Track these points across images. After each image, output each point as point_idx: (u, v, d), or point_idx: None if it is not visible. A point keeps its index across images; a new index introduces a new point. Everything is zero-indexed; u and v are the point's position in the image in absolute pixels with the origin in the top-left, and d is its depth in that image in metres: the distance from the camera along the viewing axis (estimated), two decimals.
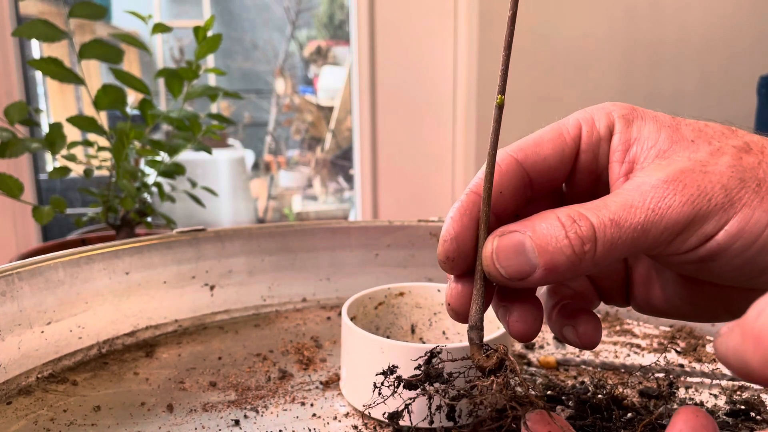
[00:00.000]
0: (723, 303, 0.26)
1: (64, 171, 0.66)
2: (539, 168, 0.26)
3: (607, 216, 0.23)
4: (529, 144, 0.27)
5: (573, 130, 0.27)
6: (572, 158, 0.27)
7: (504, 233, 0.24)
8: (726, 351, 0.18)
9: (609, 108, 0.27)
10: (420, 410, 0.29)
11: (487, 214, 0.25)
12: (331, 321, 0.50)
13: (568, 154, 0.27)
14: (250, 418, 0.35)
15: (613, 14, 1.28)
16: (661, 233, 0.22)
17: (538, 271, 0.23)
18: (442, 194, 1.33)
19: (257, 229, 0.53)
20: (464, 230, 0.25)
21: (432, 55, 1.26)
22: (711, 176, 0.23)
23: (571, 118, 0.27)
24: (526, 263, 0.23)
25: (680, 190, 0.22)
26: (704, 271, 0.24)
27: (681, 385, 0.39)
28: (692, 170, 0.23)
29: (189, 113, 0.69)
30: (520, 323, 0.26)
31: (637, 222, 0.22)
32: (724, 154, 0.23)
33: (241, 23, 3.22)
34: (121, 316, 0.45)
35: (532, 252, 0.23)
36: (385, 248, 0.55)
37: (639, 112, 0.26)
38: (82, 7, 0.64)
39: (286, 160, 3.09)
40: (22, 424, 0.34)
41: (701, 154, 0.23)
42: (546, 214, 0.24)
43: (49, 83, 1.95)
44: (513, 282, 0.24)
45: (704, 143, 0.24)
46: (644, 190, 0.23)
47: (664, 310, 0.28)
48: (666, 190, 0.23)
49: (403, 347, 0.33)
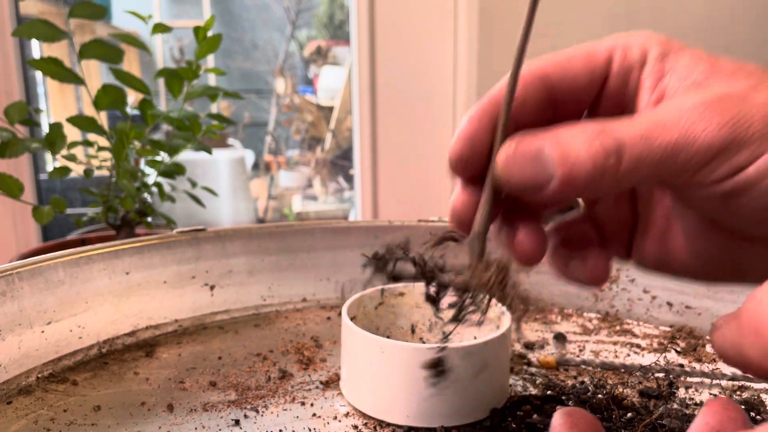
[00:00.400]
0: (733, 259, 0.25)
1: (64, 171, 0.66)
2: (566, 86, 0.25)
3: (637, 131, 0.21)
4: (558, 59, 0.25)
5: (604, 53, 0.25)
6: (601, 81, 0.25)
7: (522, 139, 0.22)
8: (723, 343, 0.17)
9: (644, 36, 0.25)
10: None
11: (507, 116, 0.23)
12: (331, 321, 0.50)
13: (597, 75, 0.25)
14: (250, 418, 0.35)
15: (614, 14, 1.28)
16: (692, 157, 0.21)
17: (554, 181, 0.21)
18: (442, 194, 1.32)
19: (257, 229, 0.53)
20: (481, 131, 0.24)
21: (432, 55, 1.26)
22: (752, 105, 0.21)
23: (603, 42, 0.25)
24: (543, 172, 0.22)
25: (718, 113, 0.21)
26: (725, 211, 0.22)
27: (681, 384, 0.39)
28: (732, 96, 0.21)
29: (189, 113, 0.69)
30: (525, 243, 0.25)
31: (668, 141, 0.21)
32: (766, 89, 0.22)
33: (241, 23, 3.22)
34: (121, 316, 0.45)
35: (550, 160, 0.21)
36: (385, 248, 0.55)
37: (675, 44, 0.24)
38: (82, 7, 0.64)
39: (286, 160, 3.09)
40: (22, 424, 0.34)
41: (741, 85, 0.22)
42: (570, 125, 0.22)
43: (49, 83, 1.95)
44: (526, 191, 0.22)
45: (744, 77, 0.23)
46: (680, 109, 0.21)
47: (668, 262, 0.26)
48: (703, 111, 0.21)
49: (403, 347, 0.33)
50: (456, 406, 0.34)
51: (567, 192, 0.21)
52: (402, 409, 0.34)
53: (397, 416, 0.34)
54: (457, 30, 1.24)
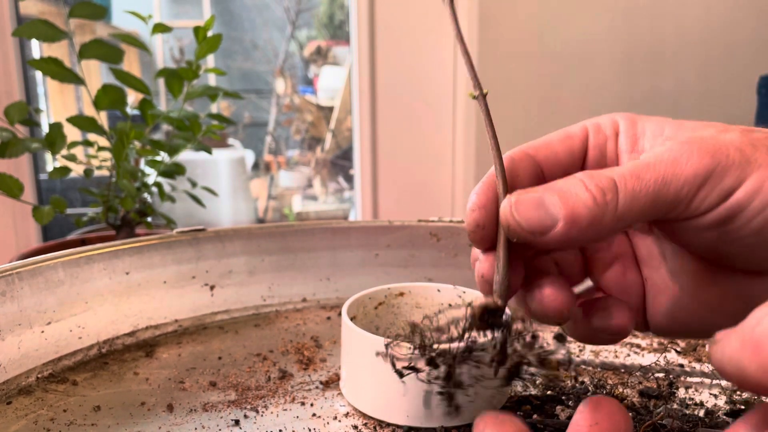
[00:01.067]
0: (744, 299, 0.26)
1: (64, 171, 0.66)
2: (550, 162, 0.27)
3: (627, 170, 0.23)
4: (539, 142, 0.27)
5: (580, 133, 0.28)
6: (581, 156, 0.27)
7: (522, 191, 0.24)
8: (722, 358, 0.18)
9: (611, 115, 0.28)
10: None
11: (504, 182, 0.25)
12: (331, 321, 0.50)
13: (577, 151, 0.27)
14: (250, 418, 0.35)
15: (614, 14, 1.28)
16: (681, 186, 0.22)
17: (559, 224, 0.23)
18: (442, 194, 1.32)
19: (257, 229, 0.53)
20: (490, 200, 0.26)
21: (432, 55, 1.26)
22: (723, 141, 0.23)
23: (576, 125, 0.28)
24: (547, 216, 0.23)
25: (697, 147, 0.23)
26: (725, 243, 0.24)
27: (681, 385, 0.39)
28: (704, 137, 0.23)
29: (189, 113, 0.69)
30: (553, 298, 0.26)
31: (657, 175, 0.23)
32: (732, 131, 0.24)
33: (241, 23, 3.22)
34: (121, 316, 0.45)
35: (552, 205, 0.23)
36: (385, 248, 0.55)
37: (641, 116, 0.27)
38: (82, 7, 0.64)
39: (286, 160, 3.09)
40: (22, 424, 0.34)
41: (709, 131, 0.24)
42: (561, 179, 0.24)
43: (49, 83, 1.95)
44: (534, 237, 0.23)
45: (709, 127, 0.25)
46: (661, 151, 0.23)
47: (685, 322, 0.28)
48: (682, 148, 0.23)
49: None
50: (456, 406, 0.34)
51: (572, 233, 0.23)
52: (402, 409, 0.34)
53: (397, 416, 0.34)
54: None
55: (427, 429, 0.34)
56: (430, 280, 0.53)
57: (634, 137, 0.26)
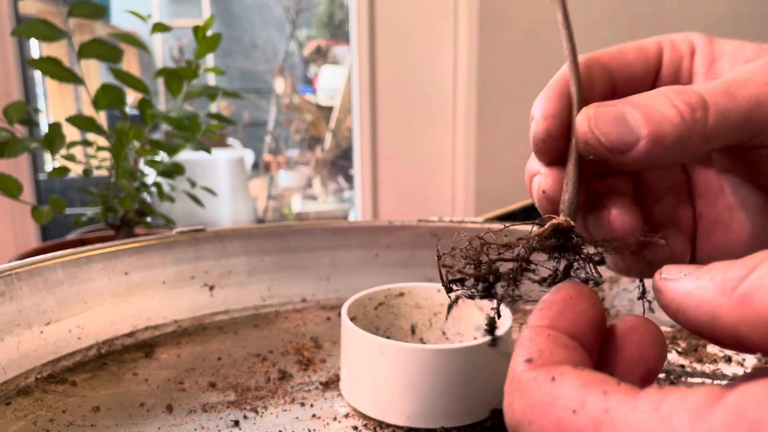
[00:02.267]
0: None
1: (63, 171, 0.66)
2: (624, 74, 0.25)
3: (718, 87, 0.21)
4: (614, 50, 0.25)
5: (654, 47, 0.25)
6: (655, 71, 0.25)
7: (600, 104, 0.22)
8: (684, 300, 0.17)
9: (685, 33, 0.25)
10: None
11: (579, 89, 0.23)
12: (330, 321, 0.50)
13: (651, 65, 0.25)
14: (250, 419, 0.35)
15: (614, 14, 1.28)
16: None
17: (642, 141, 0.21)
18: (442, 194, 1.32)
19: (257, 229, 0.53)
20: (562, 107, 0.23)
21: (432, 55, 1.25)
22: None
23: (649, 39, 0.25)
24: (629, 132, 0.21)
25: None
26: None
27: (682, 385, 0.39)
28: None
29: (188, 113, 0.69)
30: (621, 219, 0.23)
31: (750, 93, 0.21)
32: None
33: (240, 22, 3.22)
34: (120, 316, 0.45)
35: (634, 120, 0.21)
36: (385, 248, 0.55)
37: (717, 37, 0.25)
38: (81, 6, 0.64)
39: (285, 159, 3.09)
40: (21, 425, 0.34)
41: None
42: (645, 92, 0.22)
43: (49, 83, 1.95)
44: (613, 154, 0.21)
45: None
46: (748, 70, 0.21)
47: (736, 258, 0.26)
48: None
49: (403, 348, 0.33)
50: (456, 406, 0.33)
51: (656, 152, 0.21)
52: (402, 409, 0.34)
53: (397, 417, 0.34)
54: (457, 30, 1.23)
55: (428, 430, 0.34)
56: (430, 280, 0.53)
57: (711, 57, 0.24)
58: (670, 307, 0.18)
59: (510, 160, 1.28)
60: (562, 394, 0.15)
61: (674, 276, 0.18)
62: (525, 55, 1.25)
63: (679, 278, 0.18)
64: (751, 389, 0.13)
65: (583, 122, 0.22)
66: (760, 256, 0.16)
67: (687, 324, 0.17)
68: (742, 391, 0.13)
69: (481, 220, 0.56)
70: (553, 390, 0.16)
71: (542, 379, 0.16)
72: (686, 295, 0.17)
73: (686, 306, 0.17)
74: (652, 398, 0.14)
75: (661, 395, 0.14)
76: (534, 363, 0.17)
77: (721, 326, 0.16)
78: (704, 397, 0.13)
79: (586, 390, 0.15)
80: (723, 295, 0.16)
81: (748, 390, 0.13)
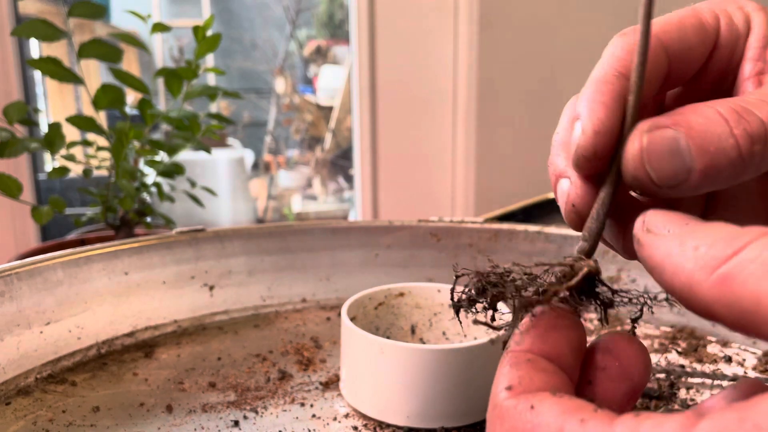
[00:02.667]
0: None
1: (63, 171, 0.66)
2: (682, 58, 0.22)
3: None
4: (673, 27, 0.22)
5: (712, 23, 0.22)
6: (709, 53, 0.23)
7: (653, 128, 0.19)
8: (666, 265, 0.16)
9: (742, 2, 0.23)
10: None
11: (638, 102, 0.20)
12: (330, 321, 0.50)
13: (708, 47, 0.22)
14: (250, 419, 0.35)
15: (615, 14, 1.28)
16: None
17: (693, 175, 0.19)
18: (442, 194, 1.32)
19: (257, 229, 0.53)
20: (615, 120, 0.20)
21: (432, 55, 1.25)
22: None
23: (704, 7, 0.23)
24: (682, 166, 0.19)
25: None
26: None
27: (682, 385, 0.39)
28: None
29: (188, 113, 0.69)
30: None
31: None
32: None
33: (240, 22, 3.22)
34: (120, 316, 0.45)
35: (687, 152, 0.19)
36: (385, 248, 0.55)
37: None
38: (81, 6, 0.64)
39: (285, 159, 3.09)
40: (21, 425, 0.34)
41: None
42: (698, 107, 0.19)
43: (48, 83, 1.95)
44: (661, 189, 0.19)
45: None
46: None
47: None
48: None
49: (403, 348, 0.33)
50: (456, 406, 0.33)
51: (706, 186, 0.19)
52: (402, 409, 0.33)
53: (397, 417, 0.34)
54: (457, 30, 1.23)
55: (428, 430, 0.34)
56: (430, 280, 0.53)
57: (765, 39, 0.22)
58: (647, 262, 0.18)
59: (510, 160, 1.28)
60: (541, 422, 0.16)
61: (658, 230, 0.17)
62: (525, 55, 1.25)
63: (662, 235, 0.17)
64: (723, 417, 0.13)
65: (636, 156, 0.19)
66: (750, 233, 0.15)
67: (661, 284, 0.17)
68: (714, 419, 0.13)
69: (481, 220, 0.56)
70: (532, 419, 0.16)
71: (522, 407, 0.17)
72: (665, 258, 0.17)
73: (664, 268, 0.17)
74: (628, 425, 0.14)
75: (636, 423, 0.14)
76: (514, 390, 0.17)
77: (696, 300, 0.16)
78: (678, 425, 0.14)
79: (564, 418, 0.15)
80: (703, 272, 0.16)
81: (721, 417, 0.13)
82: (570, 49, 1.28)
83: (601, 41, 0.24)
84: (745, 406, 0.13)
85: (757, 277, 0.14)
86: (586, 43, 1.29)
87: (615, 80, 0.21)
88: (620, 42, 0.22)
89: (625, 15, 1.29)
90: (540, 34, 1.25)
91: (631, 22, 0.22)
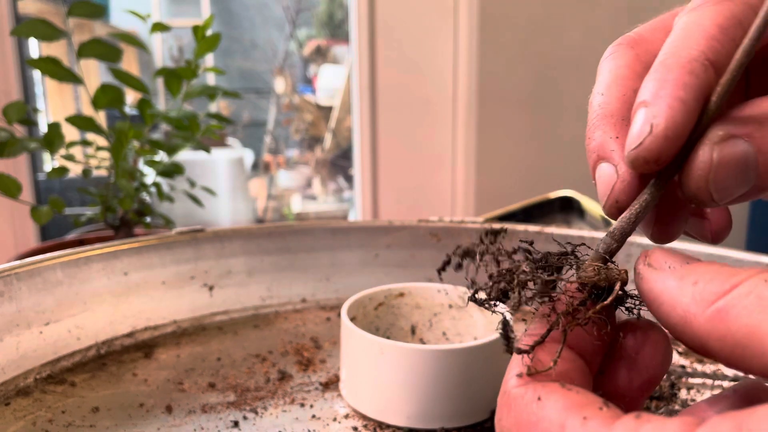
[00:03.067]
0: None
1: (62, 171, 0.66)
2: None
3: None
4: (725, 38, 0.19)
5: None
6: None
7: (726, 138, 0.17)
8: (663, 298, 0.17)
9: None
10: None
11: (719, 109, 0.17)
12: (330, 321, 0.50)
13: None
14: (249, 420, 0.35)
15: (615, 14, 1.28)
16: None
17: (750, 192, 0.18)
18: (442, 194, 1.32)
19: (256, 230, 0.53)
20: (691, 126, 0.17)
21: (432, 55, 1.25)
22: None
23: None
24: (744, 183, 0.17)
25: None
26: None
27: (683, 386, 0.39)
28: None
29: (188, 113, 0.69)
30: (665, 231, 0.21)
31: None
32: None
33: (240, 22, 3.22)
34: (119, 316, 0.45)
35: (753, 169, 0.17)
36: (385, 248, 0.55)
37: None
38: (80, 6, 0.63)
39: (285, 159, 3.09)
40: (21, 425, 0.34)
41: None
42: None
43: (48, 83, 1.95)
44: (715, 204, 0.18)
45: None
46: None
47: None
48: None
49: (402, 348, 0.33)
50: (456, 407, 0.33)
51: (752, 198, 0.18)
52: (402, 410, 0.33)
53: (397, 417, 0.34)
54: (457, 30, 1.23)
55: (428, 430, 0.33)
56: (430, 280, 0.53)
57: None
58: (646, 296, 0.18)
59: (510, 160, 1.28)
60: (544, 416, 0.16)
61: (659, 266, 0.18)
62: (525, 55, 1.25)
63: (662, 270, 0.17)
64: (721, 424, 0.13)
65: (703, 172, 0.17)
66: (748, 272, 0.16)
67: (658, 317, 0.17)
68: (711, 425, 0.13)
69: (481, 220, 0.56)
70: (537, 411, 0.16)
71: (529, 398, 0.17)
72: (664, 292, 0.17)
73: (661, 301, 0.17)
74: (628, 426, 0.15)
75: (636, 425, 0.14)
76: (524, 378, 0.17)
77: (691, 333, 0.16)
78: (677, 430, 0.14)
79: (567, 414, 0.16)
80: (699, 306, 0.16)
81: (718, 424, 0.13)
82: (570, 49, 1.28)
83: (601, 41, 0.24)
84: (742, 414, 0.13)
85: (749, 311, 0.15)
86: (586, 43, 1.29)
87: (702, 72, 0.17)
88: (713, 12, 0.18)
89: (626, 15, 1.29)
90: (540, 34, 1.25)
91: (631, 22, 0.22)
